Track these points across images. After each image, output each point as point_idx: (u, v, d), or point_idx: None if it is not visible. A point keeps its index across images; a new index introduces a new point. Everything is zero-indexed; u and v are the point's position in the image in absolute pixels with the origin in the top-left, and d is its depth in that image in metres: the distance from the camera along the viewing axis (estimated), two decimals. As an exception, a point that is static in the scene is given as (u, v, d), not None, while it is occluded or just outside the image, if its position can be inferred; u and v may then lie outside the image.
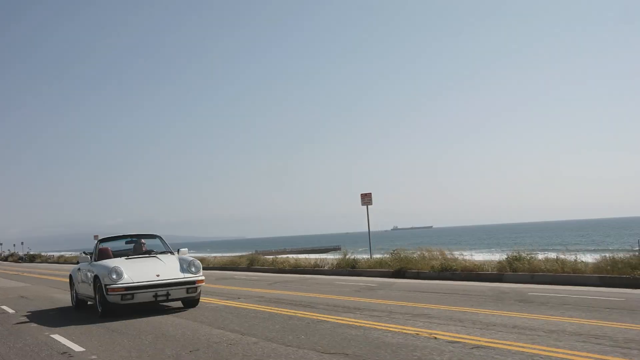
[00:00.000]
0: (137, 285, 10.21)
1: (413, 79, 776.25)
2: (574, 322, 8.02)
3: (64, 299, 14.69)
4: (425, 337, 7.26)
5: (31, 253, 74.00)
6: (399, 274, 17.61)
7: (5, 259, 78.49)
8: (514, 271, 15.05)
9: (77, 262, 13.20)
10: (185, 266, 10.86)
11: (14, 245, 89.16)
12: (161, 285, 10.33)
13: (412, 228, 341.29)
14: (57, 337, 8.48)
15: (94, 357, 6.91)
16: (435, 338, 7.15)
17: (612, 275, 12.91)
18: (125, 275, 10.26)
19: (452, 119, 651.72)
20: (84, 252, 12.58)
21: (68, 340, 8.08)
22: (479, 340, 6.88)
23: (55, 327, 9.63)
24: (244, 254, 33.35)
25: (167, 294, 10.42)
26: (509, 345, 6.59)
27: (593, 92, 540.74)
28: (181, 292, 10.59)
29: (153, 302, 10.53)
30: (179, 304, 11.32)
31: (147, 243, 12.42)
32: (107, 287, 10.15)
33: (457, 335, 7.33)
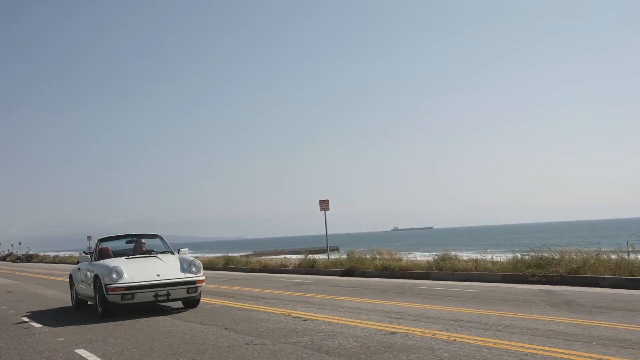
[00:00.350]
0: (137, 285, 10.21)
1: (413, 79, 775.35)
2: (401, 305, 10.45)
3: (44, 293, 17.65)
4: (284, 315, 9.66)
5: (28, 253, 74.42)
6: (349, 272, 19.36)
7: (4, 258, 78.84)
8: (439, 270, 16.81)
9: (77, 262, 13.20)
10: (185, 266, 10.85)
11: (12, 245, 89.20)
12: (161, 285, 10.33)
13: (412, 229, 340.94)
14: (25, 318, 11.18)
15: (47, 329, 9.51)
16: (290, 315, 9.57)
17: (511, 273, 14.76)
18: (125, 275, 10.26)
19: (452, 119, 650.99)
20: (84, 252, 12.59)
21: (33, 321, 10.66)
22: (316, 316, 9.32)
23: (27, 312, 12.28)
24: (229, 254, 33.63)
25: (168, 294, 10.41)
26: (332, 318, 8.97)
27: (593, 92, 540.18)
28: (181, 292, 10.59)
29: (153, 302, 10.54)
30: (179, 304, 11.34)
31: (148, 243, 12.40)
32: (107, 286, 10.15)
33: (308, 313, 9.73)
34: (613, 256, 14.06)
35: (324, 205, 23.94)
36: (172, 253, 11.81)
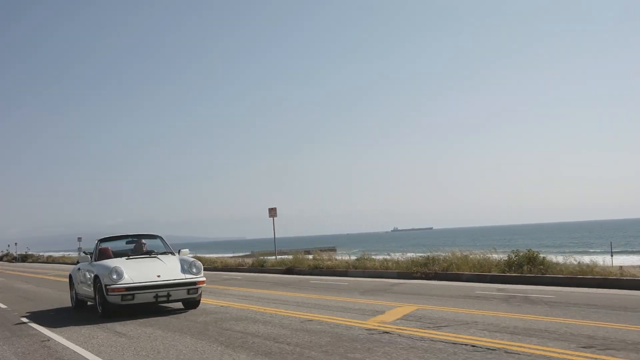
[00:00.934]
0: (137, 285, 10.15)
1: (413, 79, 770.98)
2: (265, 292, 14.32)
3: (20, 287, 21.53)
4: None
5: (23, 253, 76.49)
6: (289, 271, 22.29)
7: (1, 258, 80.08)
8: (355, 268, 19.78)
9: (77, 262, 13.15)
10: (186, 267, 10.80)
11: (9, 246, 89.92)
12: (162, 286, 10.28)
13: (412, 229, 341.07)
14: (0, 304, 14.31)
15: (9, 309, 13.06)
16: None
17: (403, 271, 17.62)
18: (125, 276, 10.20)
19: (452, 119, 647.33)
20: (84, 252, 12.51)
21: (3, 305, 13.99)
22: (206, 301, 12.29)
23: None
24: (199, 254, 34.91)
25: (168, 295, 10.37)
26: (215, 302, 12.26)
27: (593, 92, 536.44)
28: (182, 293, 10.54)
29: (153, 302, 10.49)
30: (179, 304, 11.31)
31: (148, 243, 12.33)
32: (108, 287, 10.10)
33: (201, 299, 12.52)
34: (479, 256, 17.07)
35: (272, 212, 26.83)
36: (173, 254, 11.75)
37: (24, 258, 70.44)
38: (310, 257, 23.76)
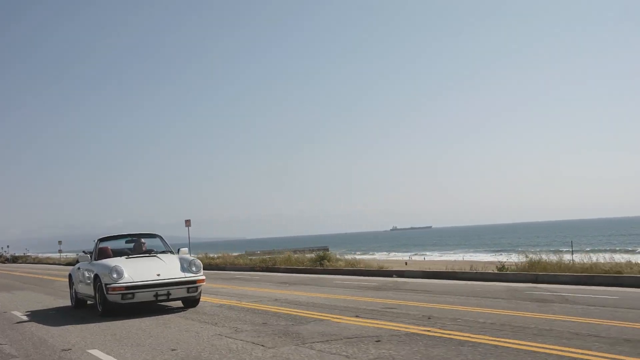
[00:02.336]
0: (137, 284, 10.18)
1: (413, 79, 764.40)
2: None
3: None
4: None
5: (15, 255, 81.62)
6: (206, 267, 28.78)
7: None
8: (231, 264, 27.14)
9: (77, 262, 13.18)
10: (185, 266, 10.84)
11: (2, 248, 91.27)
12: (162, 285, 10.32)
13: (411, 228, 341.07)
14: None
15: None
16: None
17: (253, 265, 25.12)
18: (125, 275, 10.24)
19: (452, 119, 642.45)
20: (84, 252, 12.54)
21: None
22: None
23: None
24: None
25: (168, 294, 10.40)
26: None
27: (593, 92, 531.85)
28: (182, 292, 10.58)
29: (153, 301, 10.53)
30: (179, 303, 11.34)
31: (147, 242, 12.37)
32: (108, 286, 10.13)
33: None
34: (306, 256, 24.52)
35: (188, 223, 32.83)
36: (172, 253, 11.78)
37: (14, 259, 75.68)
38: (215, 255, 32.64)
